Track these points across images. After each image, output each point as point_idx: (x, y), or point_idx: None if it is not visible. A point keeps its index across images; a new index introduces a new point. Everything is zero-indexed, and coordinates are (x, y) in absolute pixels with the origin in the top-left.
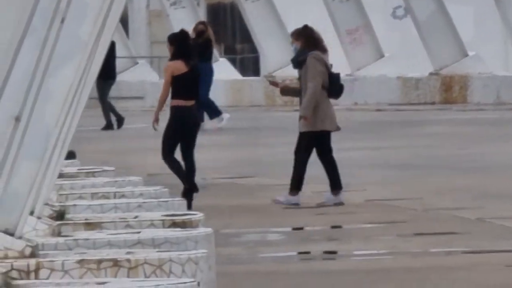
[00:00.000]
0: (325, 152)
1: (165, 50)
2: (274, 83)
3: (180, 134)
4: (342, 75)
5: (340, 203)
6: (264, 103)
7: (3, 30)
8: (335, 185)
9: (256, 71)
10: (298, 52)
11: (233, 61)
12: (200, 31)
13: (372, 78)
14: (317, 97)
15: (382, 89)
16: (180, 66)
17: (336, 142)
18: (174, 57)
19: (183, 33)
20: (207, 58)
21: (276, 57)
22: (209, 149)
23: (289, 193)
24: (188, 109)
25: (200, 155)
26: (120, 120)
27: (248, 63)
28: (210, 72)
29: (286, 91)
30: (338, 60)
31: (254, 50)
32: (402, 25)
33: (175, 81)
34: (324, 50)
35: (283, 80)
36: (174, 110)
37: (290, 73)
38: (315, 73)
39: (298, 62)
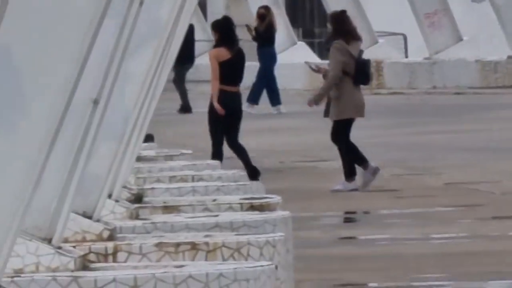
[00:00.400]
0: (344, 138)
1: (243, 34)
2: (316, 69)
3: (225, 119)
4: (420, 59)
5: (355, 189)
6: None
7: (82, 12)
8: (351, 172)
9: None
10: (327, 37)
11: (311, 45)
12: (261, 16)
13: (450, 61)
14: (331, 88)
15: (461, 73)
16: (223, 53)
17: (415, 126)
18: (217, 44)
19: (226, 19)
20: (269, 43)
21: None
22: (287, 132)
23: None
24: (232, 94)
25: (278, 139)
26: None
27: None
28: (270, 57)
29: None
30: (416, 44)
31: None
32: (480, 9)
33: (220, 68)
34: (351, 38)
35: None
36: (218, 94)
37: (369, 57)
38: (335, 63)
39: (327, 48)
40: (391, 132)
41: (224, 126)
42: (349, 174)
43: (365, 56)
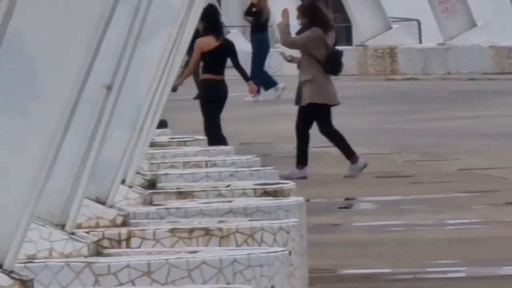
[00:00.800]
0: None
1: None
2: (290, 59)
3: (216, 105)
4: (434, 45)
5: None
6: (356, 72)
7: None
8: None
9: (348, 41)
10: (301, 28)
11: None
12: (252, 2)
13: (464, 47)
14: (284, 36)
15: (475, 58)
16: (210, 42)
17: (429, 112)
18: (204, 32)
19: (211, 7)
20: (259, 29)
21: (369, 26)
22: None
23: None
24: (219, 82)
25: (292, 125)
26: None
27: (341, 32)
28: (261, 43)
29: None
30: (430, 30)
31: (346, 19)
32: None
33: (206, 56)
34: (328, 29)
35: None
36: (205, 83)
37: (383, 42)
38: (303, 38)
39: None
40: (405, 118)
41: (217, 111)
42: (349, 157)
43: (379, 41)
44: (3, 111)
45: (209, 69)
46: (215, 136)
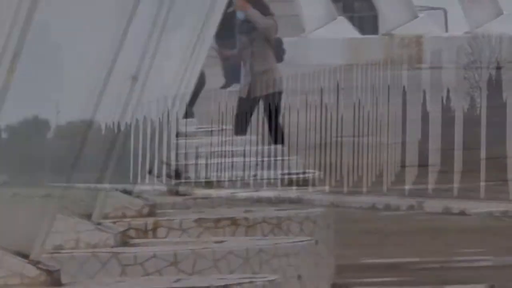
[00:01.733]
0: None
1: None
2: (220, 53)
3: None
4: (460, 33)
5: None
6: (382, 62)
7: None
8: None
9: (374, 30)
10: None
11: (351, 19)
12: None
13: (491, 36)
14: (268, 27)
15: (502, 47)
16: None
17: (456, 101)
18: None
19: None
20: None
21: (395, 15)
22: (325, 108)
23: None
24: None
25: (318, 115)
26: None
27: (367, 21)
28: None
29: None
30: (457, 18)
31: (372, 8)
32: None
33: None
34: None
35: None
36: None
37: (409, 31)
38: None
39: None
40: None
41: None
42: None
43: (405, 30)
44: (30, 100)
45: None
46: None
